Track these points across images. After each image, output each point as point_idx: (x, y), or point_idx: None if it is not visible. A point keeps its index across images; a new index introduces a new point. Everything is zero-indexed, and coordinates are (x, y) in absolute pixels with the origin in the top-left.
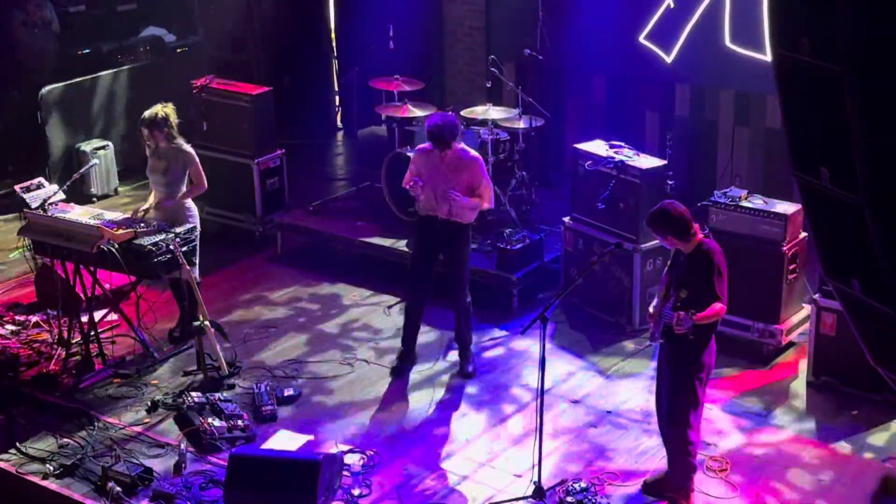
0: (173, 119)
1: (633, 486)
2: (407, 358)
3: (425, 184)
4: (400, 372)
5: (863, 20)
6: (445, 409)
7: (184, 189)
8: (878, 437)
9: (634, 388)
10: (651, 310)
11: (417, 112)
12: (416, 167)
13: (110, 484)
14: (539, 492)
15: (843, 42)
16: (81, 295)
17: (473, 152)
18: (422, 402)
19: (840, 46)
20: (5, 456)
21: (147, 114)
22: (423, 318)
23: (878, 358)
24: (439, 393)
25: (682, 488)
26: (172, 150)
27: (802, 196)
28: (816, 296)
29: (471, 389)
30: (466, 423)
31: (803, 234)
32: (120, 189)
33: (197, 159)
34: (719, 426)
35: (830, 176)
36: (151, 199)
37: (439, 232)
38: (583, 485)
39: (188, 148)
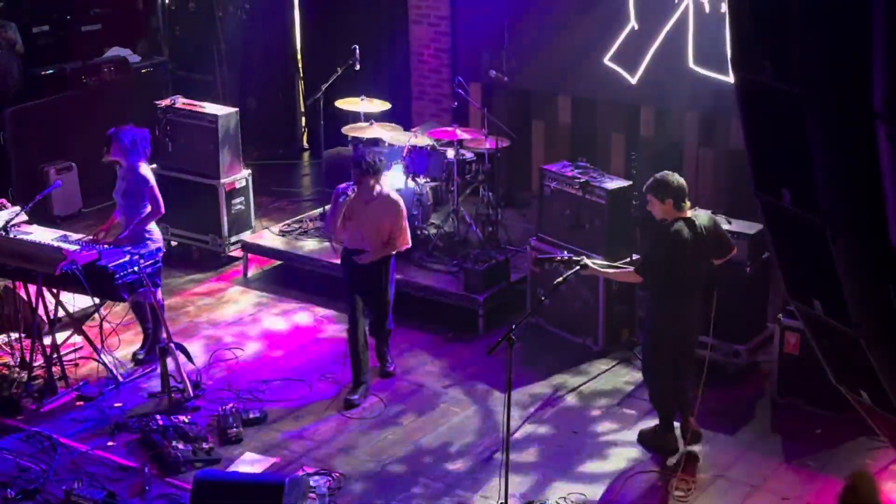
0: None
1: None
2: (359, 389)
3: (353, 225)
4: (353, 405)
5: (822, 44)
6: (412, 431)
7: (145, 211)
8: (842, 456)
9: (600, 408)
10: None
11: (384, 133)
12: (346, 209)
13: None
14: None
15: (802, 65)
16: (44, 317)
17: (395, 195)
18: (388, 425)
19: (800, 70)
20: None
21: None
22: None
23: (840, 377)
24: (406, 415)
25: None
26: (129, 172)
27: (764, 217)
28: (780, 316)
29: (437, 411)
30: (432, 444)
31: (766, 255)
32: (84, 210)
33: (152, 181)
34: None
35: (792, 197)
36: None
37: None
38: None
39: (143, 170)
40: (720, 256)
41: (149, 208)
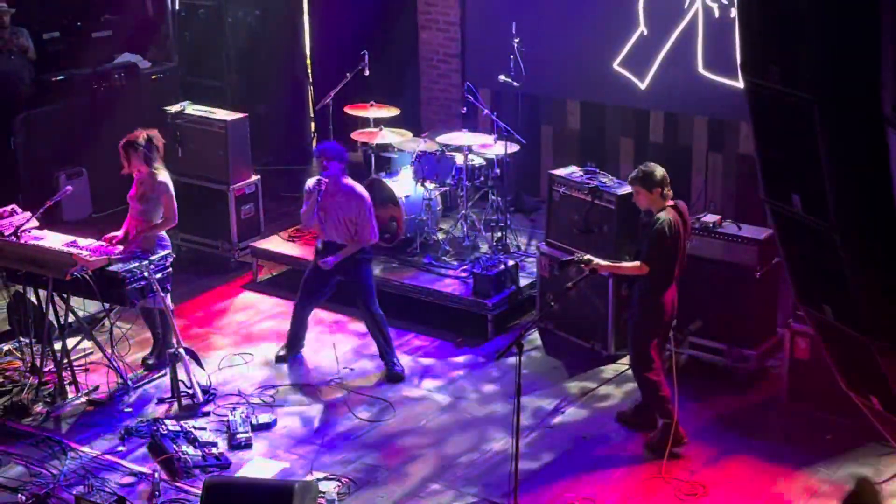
0: (149, 144)
1: None
2: (292, 348)
3: (326, 215)
4: (284, 360)
5: (830, 49)
6: (421, 436)
7: (159, 218)
8: (852, 462)
9: (610, 414)
10: None
11: (393, 138)
12: (316, 200)
13: None
14: None
15: (810, 71)
16: (54, 322)
17: (361, 189)
18: (397, 430)
19: (808, 75)
20: None
21: (127, 136)
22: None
23: (850, 383)
24: (415, 420)
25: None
26: (149, 178)
27: (774, 222)
28: (790, 320)
29: (446, 416)
30: (442, 449)
31: (776, 260)
32: (94, 215)
33: (171, 191)
34: (694, 451)
35: (802, 202)
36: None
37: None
38: None
39: (163, 178)
40: None
41: (163, 216)
